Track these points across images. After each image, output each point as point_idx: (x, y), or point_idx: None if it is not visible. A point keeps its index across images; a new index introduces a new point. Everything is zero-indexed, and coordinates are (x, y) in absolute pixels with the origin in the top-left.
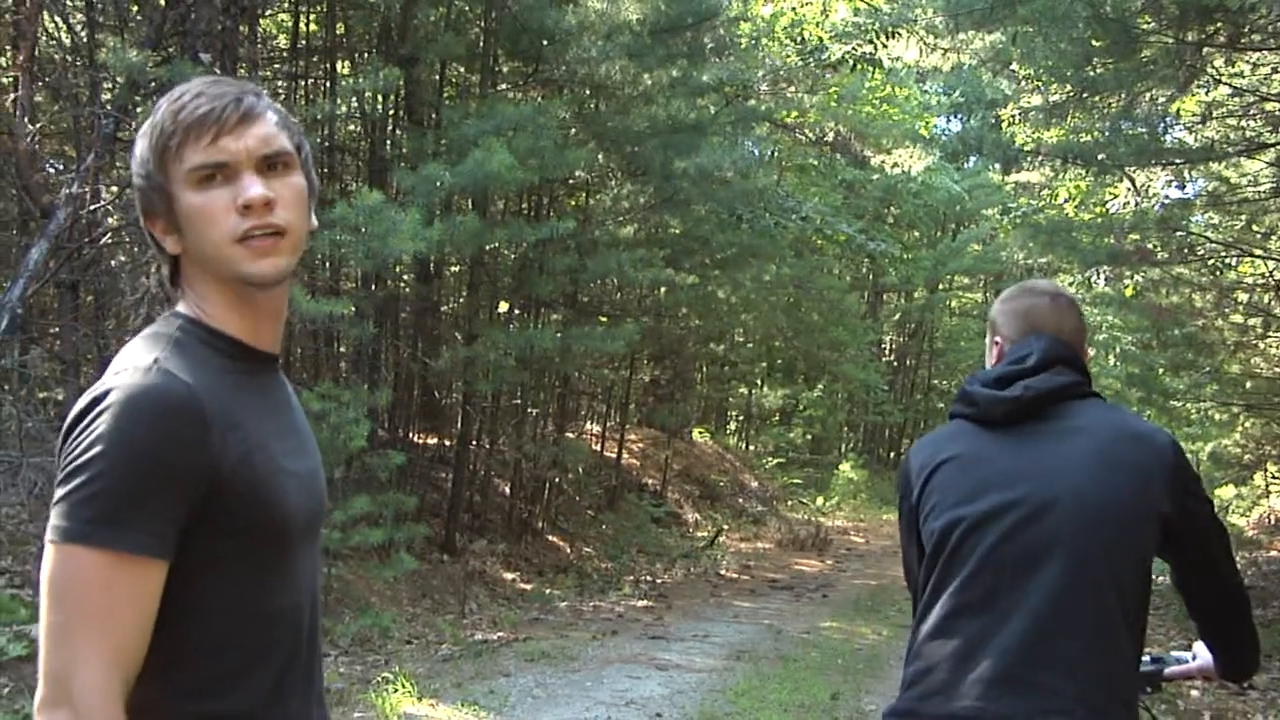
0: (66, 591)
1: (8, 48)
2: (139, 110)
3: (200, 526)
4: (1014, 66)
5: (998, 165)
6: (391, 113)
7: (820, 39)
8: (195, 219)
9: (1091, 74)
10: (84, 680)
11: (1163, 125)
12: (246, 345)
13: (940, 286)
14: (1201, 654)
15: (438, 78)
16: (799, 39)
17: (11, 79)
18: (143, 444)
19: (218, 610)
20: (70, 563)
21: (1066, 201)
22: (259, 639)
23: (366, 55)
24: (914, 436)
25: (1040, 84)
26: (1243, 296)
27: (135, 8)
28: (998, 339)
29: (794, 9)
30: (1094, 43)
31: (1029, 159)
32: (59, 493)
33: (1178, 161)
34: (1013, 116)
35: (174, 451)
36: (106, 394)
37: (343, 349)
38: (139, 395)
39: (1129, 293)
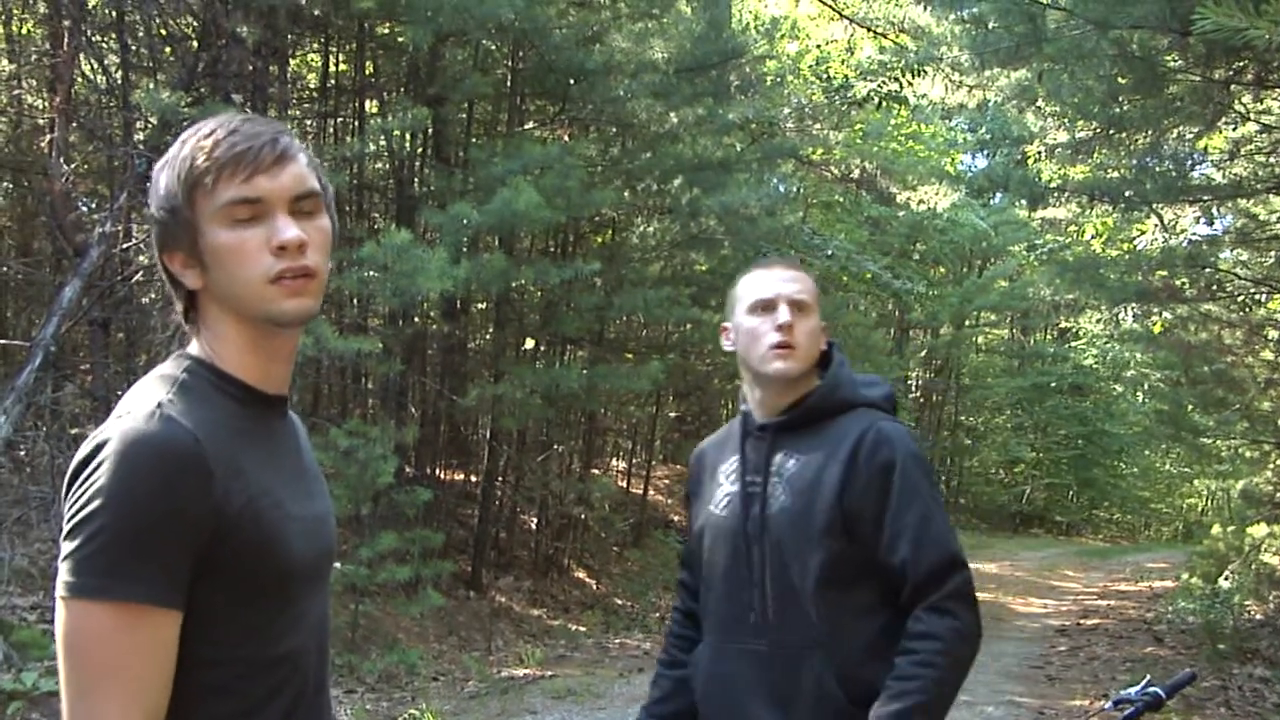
0: (83, 647)
1: (45, 90)
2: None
3: (204, 574)
4: (1040, 103)
5: (1024, 202)
6: (419, 152)
7: (846, 76)
8: (226, 257)
9: (1118, 111)
10: None
11: (1190, 162)
12: (255, 389)
13: (966, 323)
14: None
15: (465, 117)
16: (824, 77)
17: (48, 120)
18: (146, 494)
19: (223, 656)
20: (84, 618)
21: (1093, 238)
22: (265, 683)
23: (395, 95)
24: (941, 473)
25: (1066, 121)
26: (1273, 333)
27: (168, 50)
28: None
29: (819, 47)
30: (1120, 80)
31: (1055, 195)
32: (66, 547)
33: (1205, 198)
34: (1039, 153)
35: (177, 500)
36: (107, 442)
37: (370, 386)
38: (140, 444)
39: (1157, 330)
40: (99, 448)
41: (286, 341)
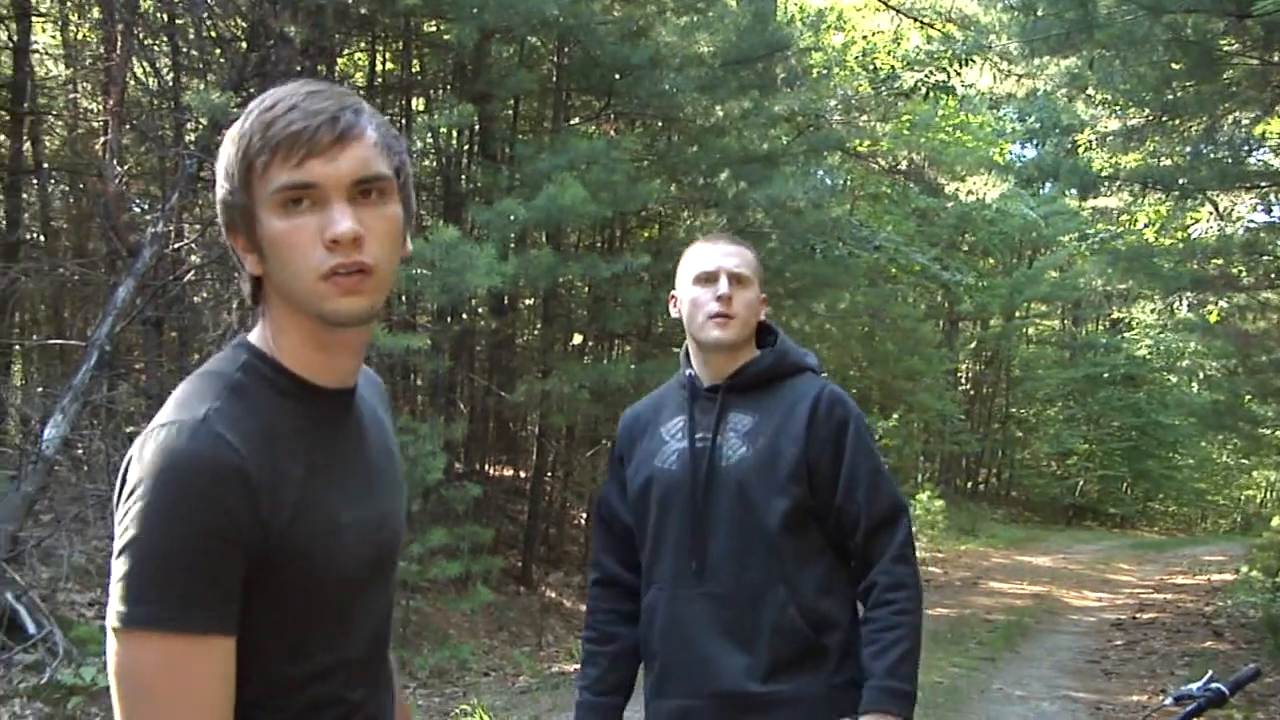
0: (140, 681)
1: (99, 94)
2: (221, 150)
3: (253, 590)
4: (1091, 91)
5: (1075, 191)
6: (466, 149)
7: (892, 67)
8: (277, 246)
9: (1171, 97)
10: None
11: (1247, 148)
12: (314, 385)
13: (1017, 314)
14: None
15: (511, 113)
16: (871, 68)
17: (102, 123)
18: (190, 517)
19: (268, 671)
20: (139, 650)
21: (1146, 227)
22: (318, 692)
23: (441, 92)
24: (991, 466)
25: (1118, 108)
26: None
27: (218, 51)
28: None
29: (865, 38)
30: (1174, 66)
31: (1107, 184)
32: (116, 569)
33: (1263, 184)
34: (1090, 141)
35: (223, 521)
36: (153, 453)
37: (419, 382)
38: (183, 463)
39: (1213, 319)
40: (144, 459)
41: (352, 336)
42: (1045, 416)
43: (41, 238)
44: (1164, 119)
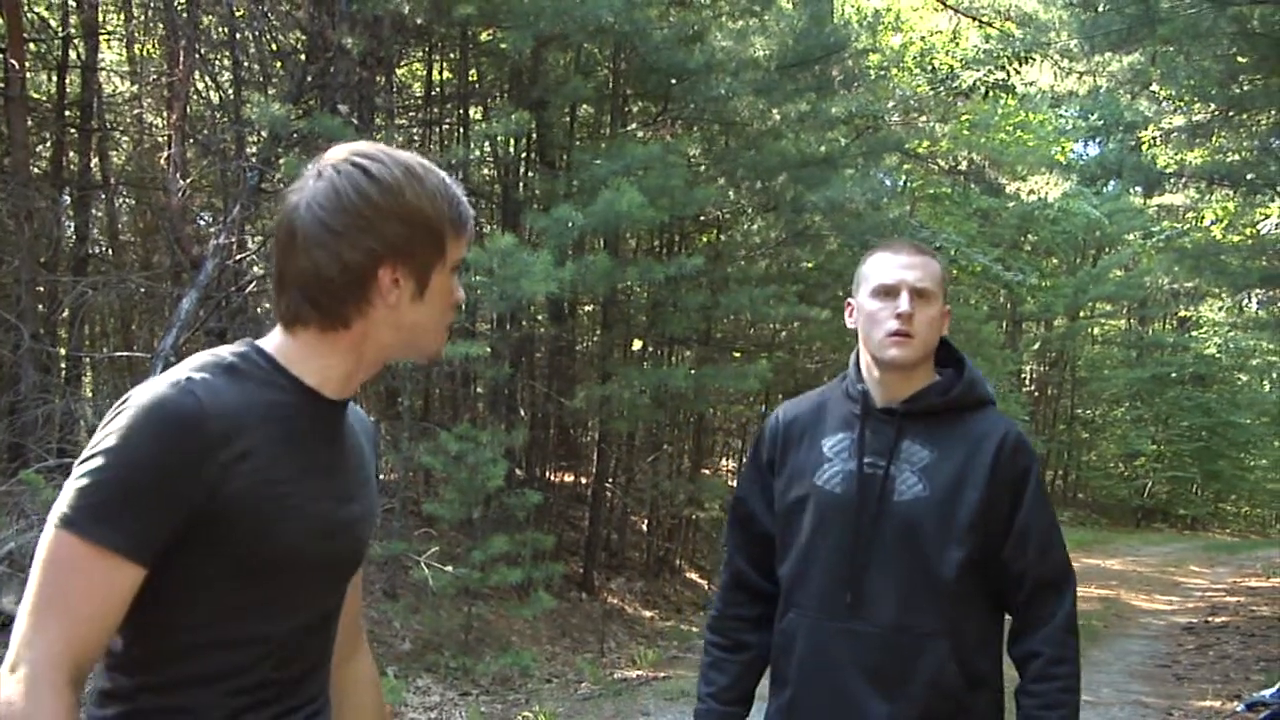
0: (47, 571)
1: (163, 109)
2: (281, 162)
3: (193, 543)
4: (1154, 87)
5: (1139, 189)
6: (523, 156)
7: (951, 67)
8: (439, 299)
9: (1238, 91)
10: (37, 652)
11: None
12: (313, 391)
13: (1081, 314)
14: None
15: (568, 120)
16: (929, 68)
17: (166, 138)
18: (144, 453)
19: (201, 622)
20: (56, 546)
21: (1213, 224)
22: (236, 659)
23: (498, 100)
24: (1058, 467)
25: (1183, 104)
26: None
27: (278, 64)
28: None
29: (923, 38)
30: (1240, 59)
31: (1172, 181)
32: (73, 475)
33: None
34: (1154, 138)
35: (172, 465)
36: (134, 396)
37: (479, 390)
38: (154, 406)
39: None
40: (128, 399)
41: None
42: (1112, 417)
43: (109, 251)
44: (1230, 113)
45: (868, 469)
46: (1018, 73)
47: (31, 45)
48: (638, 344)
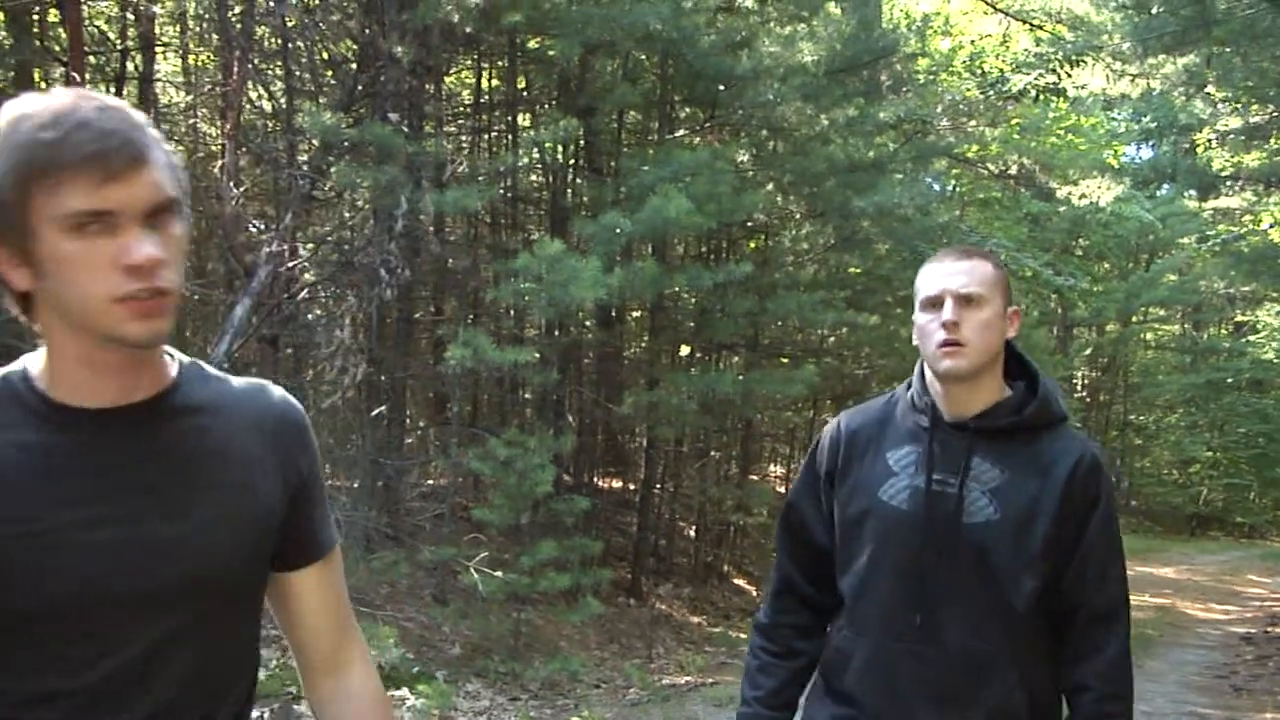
0: None
1: (217, 118)
2: (332, 170)
3: None
4: (1209, 88)
5: (1193, 192)
6: (571, 163)
7: (1001, 71)
8: (67, 269)
9: None
10: None
11: None
12: (73, 408)
13: (1134, 319)
14: None
15: (615, 126)
16: (979, 72)
17: (219, 146)
18: None
19: None
20: None
21: (1271, 227)
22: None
23: (546, 107)
24: (1110, 474)
25: (1239, 105)
26: None
27: (329, 73)
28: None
29: (973, 41)
30: None
31: (1228, 184)
32: None
33: None
34: (1209, 140)
35: None
36: None
37: (528, 396)
38: None
39: None
40: None
41: (125, 356)
42: (1166, 423)
43: None
44: None
45: (936, 486)
46: (1069, 76)
47: (91, 58)
48: (685, 350)
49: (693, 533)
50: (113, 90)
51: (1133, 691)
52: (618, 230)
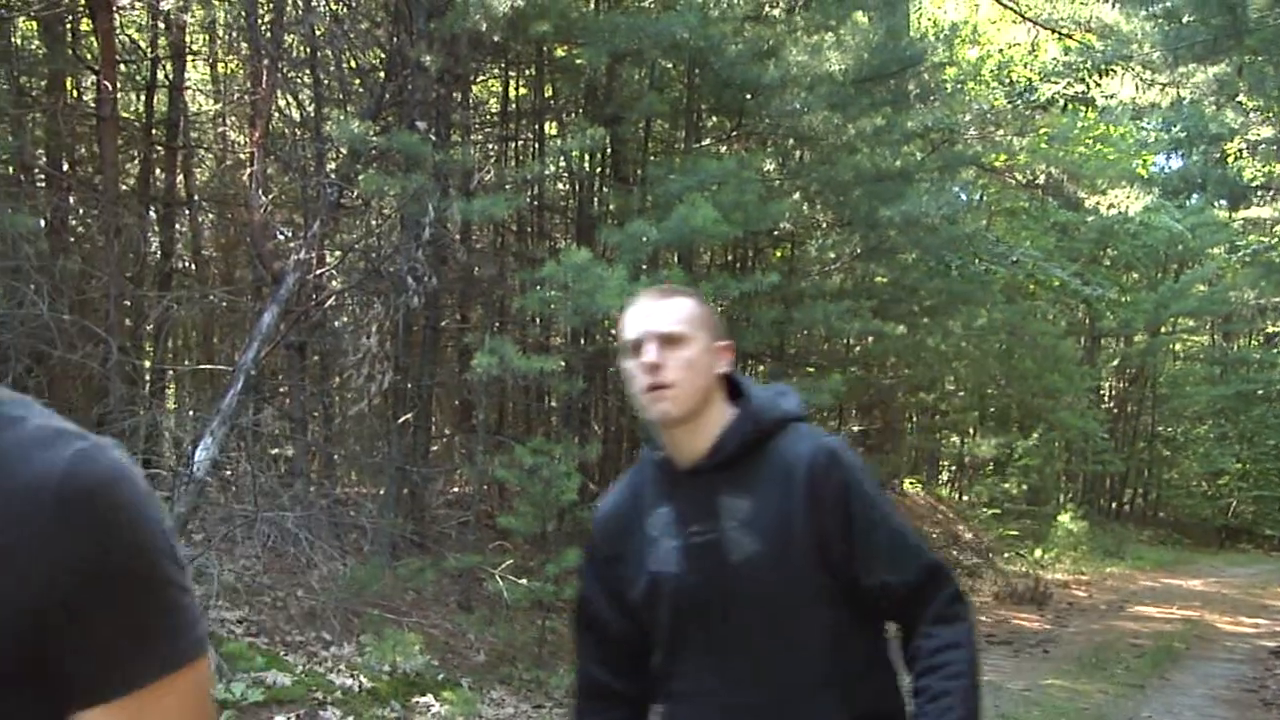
0: None
1: (245, 126)
2: (360, 178)
3: None
4: (1241, 98)
5: (1223, 202)
6: (598, 171)
7: (1029, 80)
8: None
9: None
10: None
11: None
12: None
13: (1163, 330)
14: None
15: (642, 135)
16: (1007, 81)
17: (248, 154)
18: None
19: None
20: None
21: None
22: None
23: (573, 116)
24: (1137, 486)
25: (1271, 115)
26: None
27: (357, 82)
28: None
29: (1001, 50)
30: None
31: (1259, 194)
32: None
33: None
34: (1240, 150)
35: None
36: None
37: (553, 404)
38: None
39: None
40: None
41: None
42: (1194, 435)
43: (193, 266)
44: None
45: (696, 538)
46: (1098, 85)
47: (122, 67)
48: None
49: None
50: (143, 99)
51: (969, 639)
52: (644, 239)
